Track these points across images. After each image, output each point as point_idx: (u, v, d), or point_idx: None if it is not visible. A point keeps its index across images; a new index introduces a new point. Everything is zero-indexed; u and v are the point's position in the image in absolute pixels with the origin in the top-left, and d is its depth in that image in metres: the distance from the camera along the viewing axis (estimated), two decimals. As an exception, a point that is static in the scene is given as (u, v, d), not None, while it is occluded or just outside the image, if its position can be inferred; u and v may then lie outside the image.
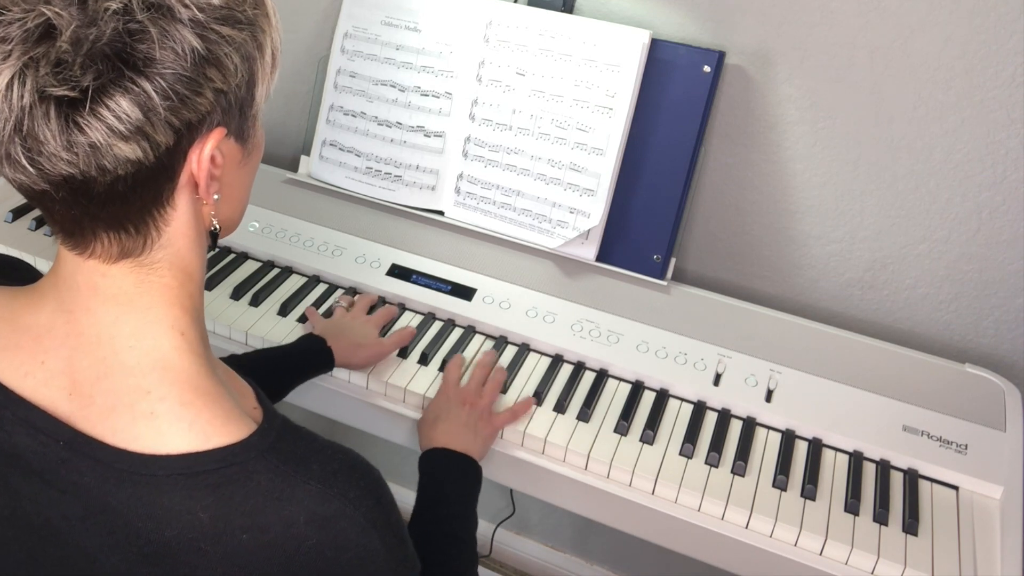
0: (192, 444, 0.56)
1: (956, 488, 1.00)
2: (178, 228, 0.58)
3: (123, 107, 0.50)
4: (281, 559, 0.56)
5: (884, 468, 1.00)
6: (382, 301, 1.18)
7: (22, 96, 0.49)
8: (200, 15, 0.52)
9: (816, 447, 1.03)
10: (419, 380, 1.07)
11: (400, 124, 1.28)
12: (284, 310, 1.16)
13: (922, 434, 1.03)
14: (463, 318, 1.16)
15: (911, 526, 0.94)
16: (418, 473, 0.93)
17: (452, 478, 0.92)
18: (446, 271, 1.21)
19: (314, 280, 1.22)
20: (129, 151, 0.51)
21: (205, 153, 0.56)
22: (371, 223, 1.29)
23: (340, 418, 1.10)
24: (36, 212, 1.31)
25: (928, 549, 0.92)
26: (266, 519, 0.56)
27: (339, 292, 1.20)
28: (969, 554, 0.92)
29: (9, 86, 0.49)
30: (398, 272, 1.21)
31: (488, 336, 1.15)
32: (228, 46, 0.54)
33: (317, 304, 1.17)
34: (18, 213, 1.30)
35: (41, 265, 1.19)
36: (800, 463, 1.01)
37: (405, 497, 1.75)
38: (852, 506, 0.95)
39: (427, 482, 0.92)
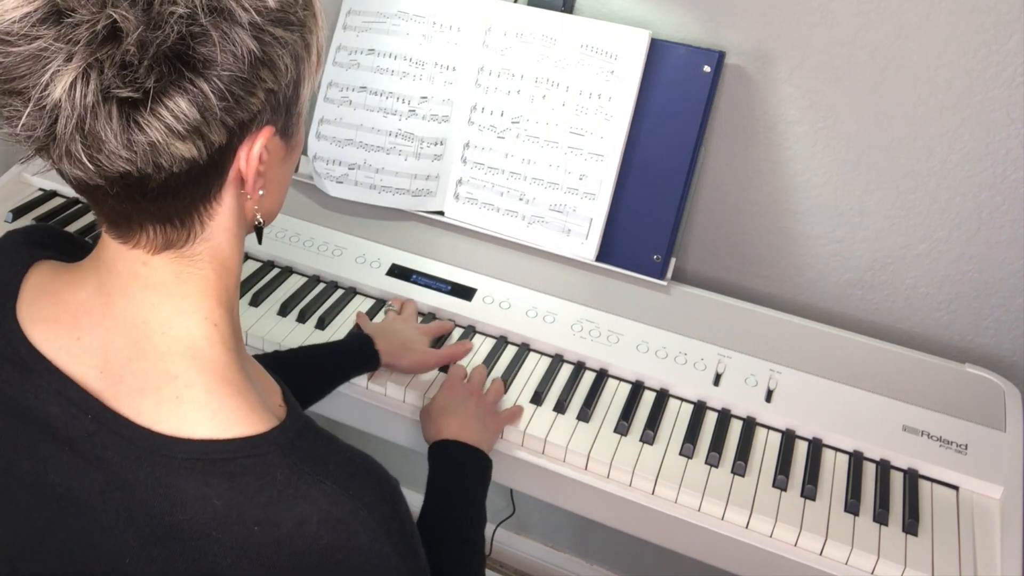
0: (213, 431, 0.57)
1: (956, 488, 1.00)
2: (221, 222, 0.60)
3: (182, 107, 0.51)
4: (291, 555, 0.56)
5: (884, 468, 1.00)
6: (432, 317, 1.17)
7: (85, 96, 0.50)
8: (258, 18, 0.53)
9: (816, 447, 1.03)
10: (419, 379, 1.07)
11: (398, 132, 1.28)
12: (284, 310, 1.16)
13: (922, 434, 1.03)
14: (463, 318, 1.16)
15: (911, 526, 0.94)
16: (428, 464, 0.93)
17: (465, 475, 0.92)
18: (446, 271, 1.21)
19: (314, 280, 1.22)
20: (185, 150, 0.52)
21: (255, 151, 0.57)
22: (371, 223, 1.29)
23: (342, 419, 1.10)
24: (37, 212, 1.31)
25: (928, 549, 0.92)
26: (279, 514, 0.56)
27: (339, 292, 1.20)
28: (969, 554, 0.92)
29: (72, 86, 0.49)
30: (398, 272, 1.21)
31: (488, 336, 1.15)
32: (281, 48, 0.55)
33: (316, 303, 1.17)
34: (18, 213, 1.30)
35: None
36: (800, 463, 1.01)
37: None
38: (852, 506, 0.95)
39: (440, 477, 0.91)
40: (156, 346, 0.59)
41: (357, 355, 1.04)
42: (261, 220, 0.63)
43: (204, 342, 0.60)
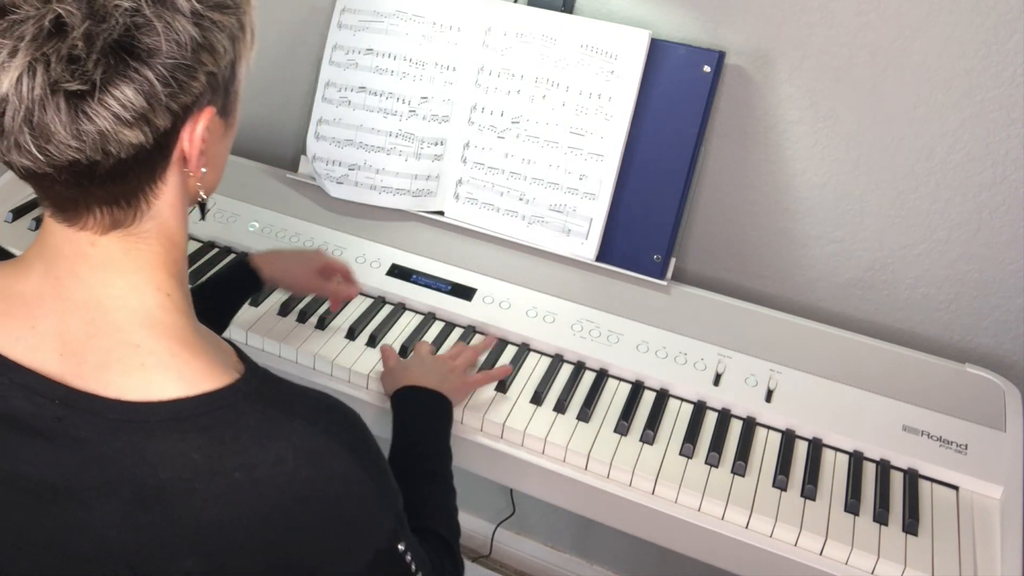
0: (182, 391, 0.59)
1: (956, 488, 1.00)
2: (167, 200, 0.61)
3: (128, 96, 0.53)
4: (273, 495, 0.59)
5: (884, 468, 1.00)
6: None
7: (32, 89, 0.51)
8: (198, 6, 0.55)
9: (816, 447, 1.03)
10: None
11: (399, 133, 1.28)
12: (284, 310, 1.15)
13: (922, 434, 1.03)
14: (463, 318, 1.16)
15: (911, 526, 0.94)
16: (392, 412, 0.96)
17: (426, 415, 0.96)
18: (446, 271, 1.21)
19: (314, 280, 1.22)
20: (132, 136, 0.54)
21: (197, 132, 0.59)
22: (371, 223, 1.29)
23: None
24: (36, 212, 1.31)
25: (928, 549, 0.92)
26: (256, 456, 0.58)
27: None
28: (969, 554, 0.92)
29: (19, 80, 0.51)
30: (398, 272, 1.21)
31: (488, 336, 1.15)
32: (219, 31, 0.57)
33: (316, 303, 1.17)
34: (18, 213, 1.30)
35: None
36: (800, 463, 1.01)
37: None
38: (852, 506, 0.95)
39: (401, 419, 0.95)
40: (113, 321, 0.60)
41: (236, 279, 1.06)
42: (204, 195, 0.66)
43: (159, 311, 0.62)
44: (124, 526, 0.58)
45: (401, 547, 0.68)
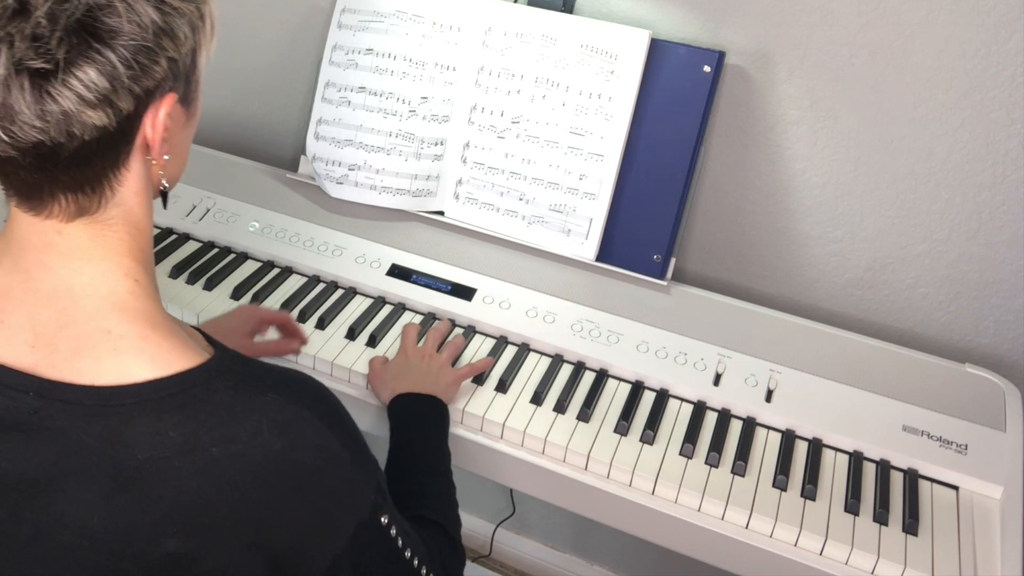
0: (155, 372, 0.60)
1: (956, 488, 1.00)
2: (130, 187, 0.63)
3: (91, 77, 0.54)
4: (251, 468, 0.60)
5: (884, 468, 1.00)
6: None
7: None
8: None
9: (816, 447, 1.03)
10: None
11: (399, 133, 1.28)
12: (283, 310, 1.15)
13: (922, 434, 1.03)
14: (463, 318, 1.16)
15: (911, 526, 0.94)
16: (389, 420, 0.97)
17: (422, 417, 0.97)
18: (446, 271, 1.21)
19: (314, 280, 1.22)
20: (96, 118, 0.56)
21: (160, 118, 0.60)
22: (371, 223, 1.29)
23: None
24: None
25: (928, 549, 0.92)
26: (232, 431, 0.60)
27: (339, 292, 1.20)
28: (969, 554, 0.92)
29: None
30: (398, 272, 1.21)
31: (488, 336, 1.15)
32: (180, 17, 0.59)
33: (316, 303, 1.17)
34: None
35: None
36: (800, 463, 1.01)
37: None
38: (852, 506, 0.95)
39: (399, 426, 0.96)
40: (84, 308, 0.61)
41: None
42: (167, 184, 0.67)
43: (129, 296, 0.63)
44: (105, 512, 0.59)
45: (384, 520, 0.69)
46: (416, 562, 0.75)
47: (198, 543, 0.59)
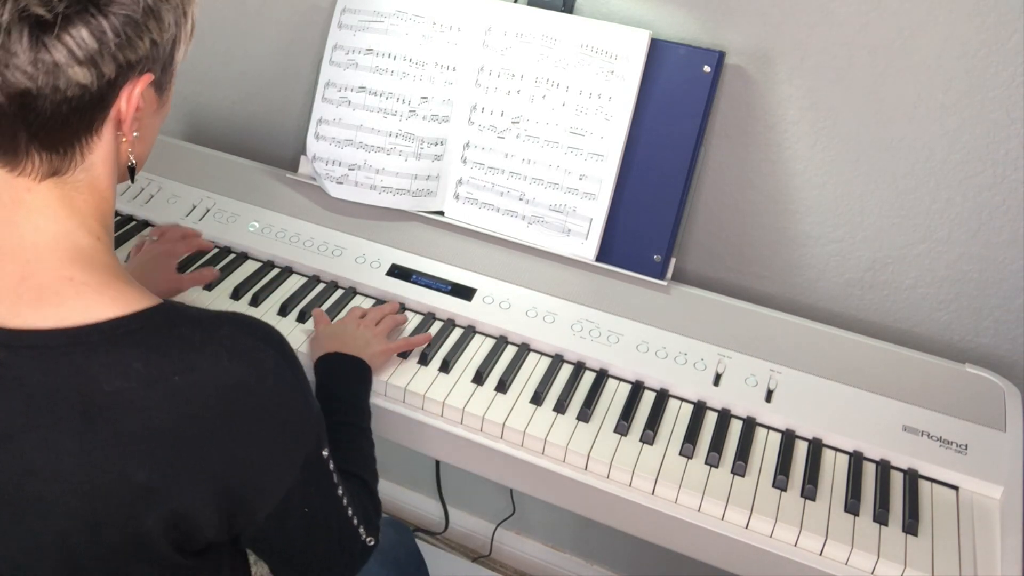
0: (117, 311, 0.65)
1: (956, 488, 1.00)
2: (99, 155, 0.68)
3: (83, 36, 0.60)
4: (212, 394, 0.64)
5: (884, 468, 1.00)
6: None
7: (2, 15, 0.58)
8: None
9: (816, 447, 1.03)
10: (419, 380, 1.07)
11: (399, 133, 1.28)
12: (284, 310, 1.16)
13: (922, 434, 1.03)
14: (463, 318, 1.16)
15: (911, 526, 0.94)
16: (315, 376, 1.01)
17: (346, 375, 1.01)
18: (446, 271, 1.21)
19: (314, 280, 1.22)
20: (81, 75, 0.61)
21: (135, 93, 0.66)
22: (371, 223, 1.29)
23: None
24: None
25: (928, 549, 0.92)
26: (194, 359, 0.64)
27: (339, 292, 1.20)
28: (969, 554, 0.92)
29: None
30: (398, 272, 1.21)
31: (488, 336, 1.15)
32: (168, 5, 0.66)
33: (316, 303, 1.17)
34: None
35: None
36: (800, 463, 1.01)
37: (405, 499, 1.74)
38: (852, 506, 0.95)
39: (324, 383, 1.00)
40: (47, 261, 0.65)
41: None
42: (134, 161, 0.73)
43: (91, 251, 0.67)
44: (76, 449, 0.61)
45: (325, 454, 0.74)
46: (345, 502, 0.79)
47: (164, 473, 0.62)
